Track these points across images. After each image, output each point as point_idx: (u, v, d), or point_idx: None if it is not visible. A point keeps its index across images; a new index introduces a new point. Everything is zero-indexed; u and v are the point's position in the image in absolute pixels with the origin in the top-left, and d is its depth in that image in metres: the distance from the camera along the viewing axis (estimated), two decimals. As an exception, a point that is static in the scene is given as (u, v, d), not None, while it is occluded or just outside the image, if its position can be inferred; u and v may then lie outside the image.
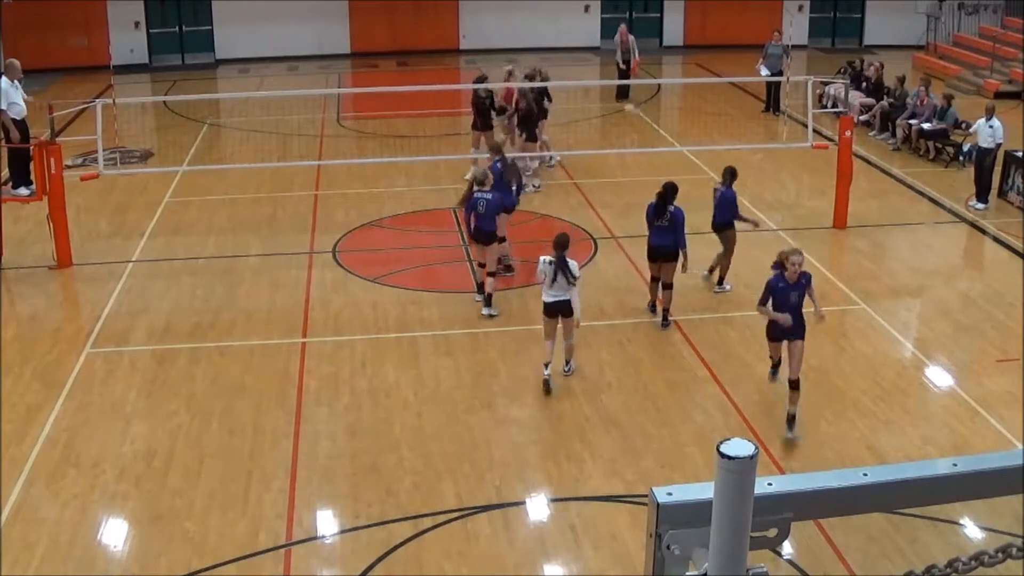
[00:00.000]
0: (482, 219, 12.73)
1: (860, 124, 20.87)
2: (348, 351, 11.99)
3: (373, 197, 17.35)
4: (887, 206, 17.09)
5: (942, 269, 14.57)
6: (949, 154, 19.24)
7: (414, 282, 14.00)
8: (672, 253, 12.23)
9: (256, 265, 14.72)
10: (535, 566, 8.42)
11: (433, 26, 30.97)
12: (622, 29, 24.48)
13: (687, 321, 12.67)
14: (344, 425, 10.42)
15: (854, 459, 9.61)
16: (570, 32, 31.36)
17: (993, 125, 16.75)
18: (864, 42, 32.14)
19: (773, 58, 22.93)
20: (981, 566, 1.98)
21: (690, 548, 1.93)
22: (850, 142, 15.85)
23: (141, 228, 16.11)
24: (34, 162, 14.54)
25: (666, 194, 12.18)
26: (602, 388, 11.11)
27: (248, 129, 22.12)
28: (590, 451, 9.89)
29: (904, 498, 2.06)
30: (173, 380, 11.34)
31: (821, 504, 2.01)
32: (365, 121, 23.26)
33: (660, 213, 12.15)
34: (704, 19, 31.87)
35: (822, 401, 10.82)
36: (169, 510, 8.99)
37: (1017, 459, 2.02)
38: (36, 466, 9.67)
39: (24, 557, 8.35)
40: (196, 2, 30.33)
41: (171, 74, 28.91)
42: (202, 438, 10.16)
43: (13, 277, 14.29)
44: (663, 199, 12.15)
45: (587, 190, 17.70)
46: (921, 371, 11.70)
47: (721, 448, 1.78)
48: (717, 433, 9.90)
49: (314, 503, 9.19)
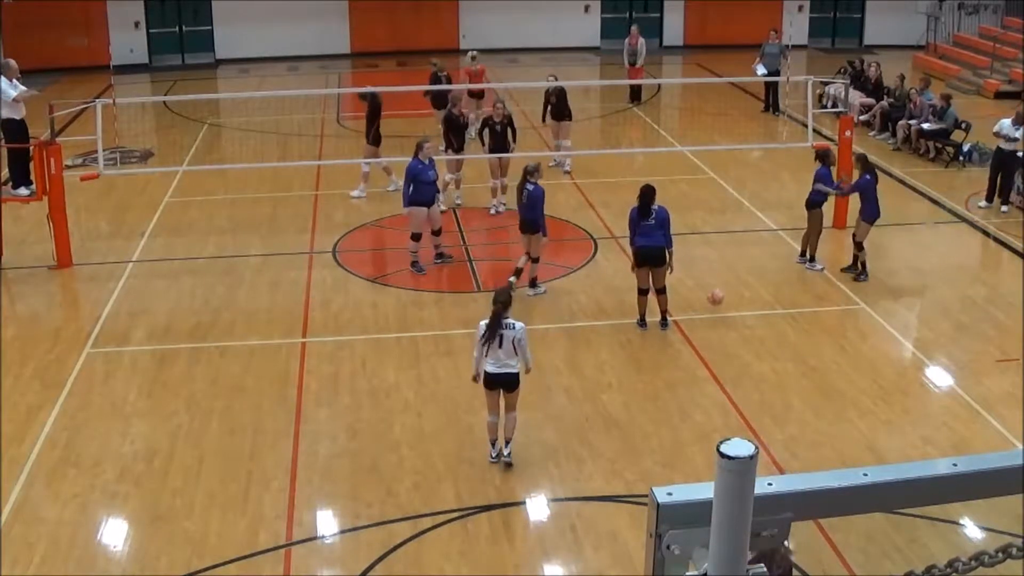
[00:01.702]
0: (525, 209, 13.05)
1: (860, 124, 20.88)
2: (348, 351, 11.99)
3: (373, 197, 17.35)
4: (887, 206, 17.05)
5: (942, 269, 14.57)
6: (949, 154, 19.24)
7: (414, 282, 14.00)
8: (661, 255, 12.06)
9: (256, 265, 14.72)
10: (535, 566, 8.42)
11: (433, 26, 30.97)
12: (633, 31, 24.42)
13: (687, 321, 12.67)
14: (344, 425, 10.42)
15: (854, 459, 9.61)
16: (570, 32, 31.36)
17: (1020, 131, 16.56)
18: (864, 42, 32.15)
19: (770, 57, 22.95)
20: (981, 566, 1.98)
21: (690, 548, 1.94)
22: (850, 142, 15.85)
23: (141, 228, 16.11)
24: (34, 162, 14.54)
25: (647, 194, 12.13)
26: (602, 388, 11.11)
27: (248, 129, 22.12)
28: (590, 451, 9.89)
29: (904, 498, 2.06)
30: (173, 380, 11.34)
31: (821, 504, 2.01)
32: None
33: (646, 213, 12.08)
34: (704, 19, 31.88)
35: (822, 401, 10.82)
36: (169, 510, 8.99)
37: (1017, 459, 2.02)
38: (36, 466, 9.67)
39: (24, 557, 8.35)
40: (196, 2, 30.34)
41: (171, 74, 28.91)
42: (202, 438, 10.16)
43: (13, 277, 14.29)
44: (645, 199, 12.10)
45: (587, 190, 17.71)
46: (921, 371, 11.71)
47: (721, 448, 1.79)
48: (717, 433, 9.90)
49: (314, 503, 9.19)
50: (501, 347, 9.21)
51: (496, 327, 9.21)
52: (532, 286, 13.40)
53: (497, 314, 9.25)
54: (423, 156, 13.85)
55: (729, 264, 14.42)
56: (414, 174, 13.81)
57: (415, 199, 13.85)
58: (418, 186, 13.84)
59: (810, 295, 13.53)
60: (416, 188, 13.83)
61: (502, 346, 9.21)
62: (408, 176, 13.90)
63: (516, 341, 9.23)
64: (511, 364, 9.29)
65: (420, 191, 13.85)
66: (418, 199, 13.85)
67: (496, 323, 9.23)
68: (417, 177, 13.82)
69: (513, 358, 9.28)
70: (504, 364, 9.26)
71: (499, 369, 9.27)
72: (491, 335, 9.20)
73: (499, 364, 9.26)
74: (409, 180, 13.86)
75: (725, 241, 15.36)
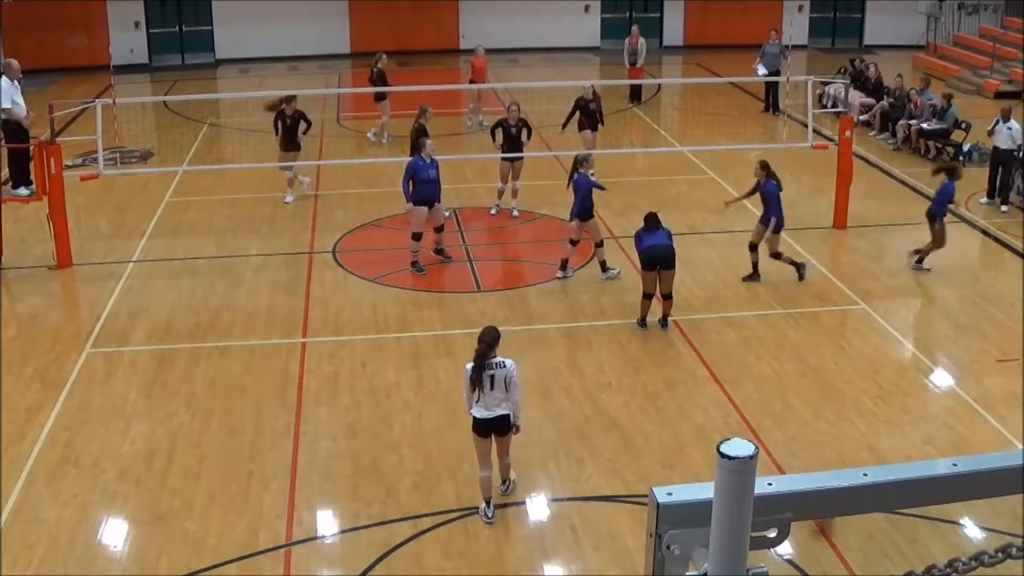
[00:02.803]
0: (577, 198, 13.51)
1: (860, 124, 20.88)
2: (348, 351, 11.99)
3: (373, 197, 17.35)
4: (887, 206, 17.09)
5: (942, 269, 14.56)
6: (949, 154, 19.23)
7: (414, 282, 14.00)
8: (671, 256, 12.06)
9: (256, 265, 14.72)
10: (535, 566, 8.42)
11: (433, 26, 30.98)
12: (633, 31, 24.42)
13: (687, 321, 12.66)
14: (344, 425, 10.42)
15: (854, 459, 9.61)
16: (570, 32, 31.36)
17: (1012, 127, 16.72)
18: (864, 42, 32.14)
19: (771, 57, 22.95)
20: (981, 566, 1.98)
21: (690, 548, 1.93)
22: (850, 142, 15.85)
23: (141, 228, 16.11)
24: (34, 162, 14.54)
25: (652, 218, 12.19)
26: (602, 388, 11.11)
27: (248, 129, 22.10)
28: (590, 451, 9.89)
29: (904, 498, 2.06)
30: (173, 380, 11.34)
31: (821, 504, 2.01)
32: (365, 121, 23.26)
33: (653, 227, 12.14)
34: (704, 19, 31.87)
35: (822, 401, 10.82)
36: (169, 510, 8.99)
37: (1017, 459, 2.02)
38: (36, 466, 9.68)
39: (24, 557, 8.35)
40: (196, 2, 30.33)
41: (171, 74, 28.91)
42: (202, 438, 10.17)
43: (13, 277, 14.29)
44: (651, 222, 12.14)
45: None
46: (921, 371, 11.71)
47: (721, 448, 1.79)
48: (717, 433, 9.90)
49: (314, 503, 9.19)
50: (493, 388, 8.44)
51: (483, 368, 8.44)
52: (603, 270, 13.81)
53: (482, 354, 8.45)
54: (425, 154, 13.85)
55: (729, 264, 14.41)
56: (414, 170, 13.81)
57: (415, 198, 13.85)
58: (417, 184, 13.83)
59: (810, 295, 13.53)
60: (416, 186, 13.83)
61: (493, 387, 8.44)
62: (407, 172, 13.88)
63: (508, 379, 8.46)
64: (503, 407, 8.50)
65: (420, 190, 13.84)
66: (418, 198, 13.85)
67: (482, 364, 8.45)
68: (416, 174, 13.81)
69: (505, 399, 8.51)
70: (495, 407, 8.49)
71: (490, 413, 8.48)
72: (478, 377, 8.41)
73: (489, 408, 8.49)
74: (408, 176, 13.85)
75: (725, 241, 15.35)
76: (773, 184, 13.58)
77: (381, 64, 20.45)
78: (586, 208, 13.53)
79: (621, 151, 20.39)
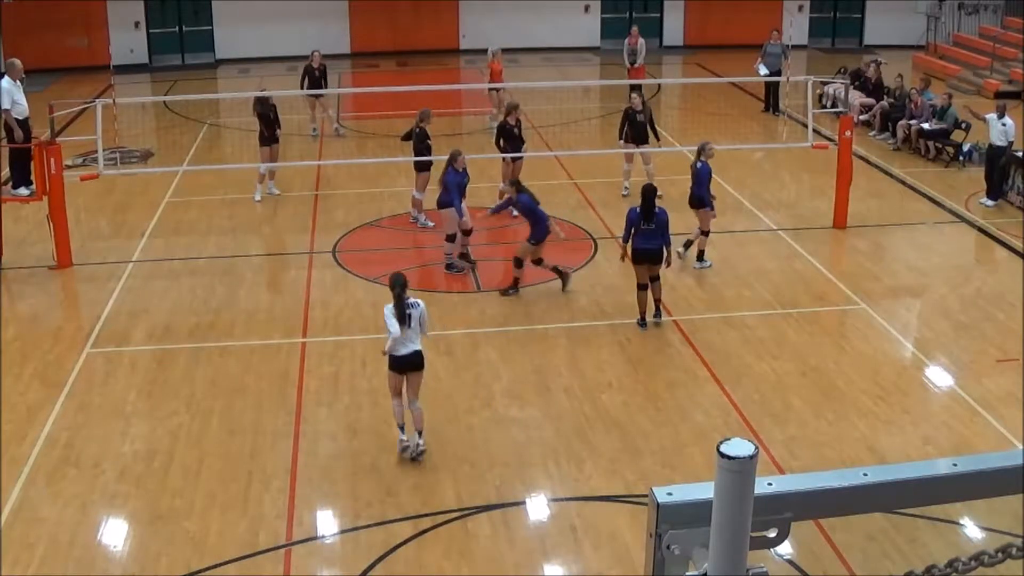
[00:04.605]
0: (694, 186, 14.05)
1: (860, 124, 20.88)
2: (348, 351, 11.98)
3: (373, 197, 17.35)
4: (887, 206, 17.09)
5: (942, 269, 14.56)
6: (949, 154, 19.24)
7: (414, 282, 13.94)
8: (659, 255, 12.18)
9: (256, 265, 14.72)
10: (535, 566, 8.42)
11: (433, 26, 30.97)
12: (633, 31, 24.41)
13: (687, 321, 12.67)
14: (344, 425, 10.42)
15: (854, 459, 9.62)
16: (570, 32, 31.37)
17: (1006, 123, 16.76)
18: (864, 42, 32.14)
19: (772, 57, 22.94)
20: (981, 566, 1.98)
21: (690, 548, 1.93)
22: (850, 142, 15.85)
23: (141, 228, 16.11)
24: (34, 162, 14.54)
25: (650, 196, 12.19)
26: (602, 388, 11.11)
27: (248, 129, 22.08)
28: (590, 451, 9.89)
29: (904, 498, 2.06)
30: (173, 380, 11.34)
31: (821, 504, 2.01)
32: (365, 121, 23.27)
33: (648, 217, 12.12)
34: (704, 19, 31.87)
35: (822, 401, 10.82)
36: (169, 510, 8.99)
37: (1017, 459, 2.02)
38: (36, 466, 9.67)
39: (24, 557, 8.35)
40: (196, 2, 30.34)
41: (171, 74, 28.90)
42: (202, 438, 10.16)
43: (13, 277, 14.29)
44: (648, 201, 12.14)
45: (587, 190, 17.71)
46: (921, 371, 11.71)
47: (721, 448, 1.79)
48: (717, 433, 9.90)
49: (314, 503, 9.19)
50: (409, 326, 9.44)
51: (404, 307, 9.42)
52: (699, 259, 14.15)
53: (400, 296, 9.44)
54: (458, 166, 14.02)
55: (729, 264, 14.42)
56: (457, 183, 14.00)
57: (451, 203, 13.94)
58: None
59: (810, 295, 13.53)
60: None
61: (410, 325, 9.45)
62: (451, 188, 14.00)
63: (421, 318, 9.50)
64: (417, 343, 9.54)
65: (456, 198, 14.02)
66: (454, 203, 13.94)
67: (403, 304, 9.42)
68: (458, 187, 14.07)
69: (418, 337, 9.54)
70: (410, 343, 9.49)
71: (407, 350, 9.47)
72: (402, 314, 9.37)
73: (405, 345, 9.46)
74: (452, 190, 13.97)
75: (725, 241, 15.34)
76: (526, 197, 13.53)
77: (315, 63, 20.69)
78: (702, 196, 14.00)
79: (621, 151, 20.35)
